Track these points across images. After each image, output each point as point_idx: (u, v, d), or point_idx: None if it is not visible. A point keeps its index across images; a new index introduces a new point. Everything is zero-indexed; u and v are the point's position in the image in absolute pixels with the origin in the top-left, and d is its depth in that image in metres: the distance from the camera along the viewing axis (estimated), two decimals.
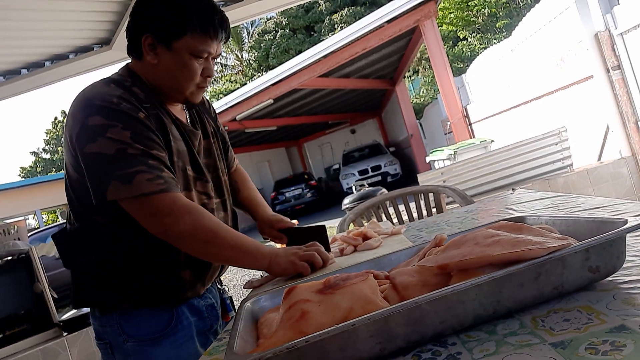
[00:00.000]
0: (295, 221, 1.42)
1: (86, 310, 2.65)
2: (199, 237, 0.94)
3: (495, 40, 13.35)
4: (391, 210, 2.16)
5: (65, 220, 1.12)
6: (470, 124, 7.54)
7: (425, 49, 8.51)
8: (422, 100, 18.40)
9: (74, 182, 0.98)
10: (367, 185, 5.73)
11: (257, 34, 23.52)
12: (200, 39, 0.97)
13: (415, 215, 2.08)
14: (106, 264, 0.99)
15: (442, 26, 14.55)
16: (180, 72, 1.00)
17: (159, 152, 0.94)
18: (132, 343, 1.00)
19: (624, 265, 0.56)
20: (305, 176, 14.52)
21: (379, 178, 12.39)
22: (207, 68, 1.03)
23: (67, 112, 0.98)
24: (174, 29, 0.97)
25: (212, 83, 25.07)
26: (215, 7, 1.01)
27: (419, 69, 18.82)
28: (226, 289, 1.25)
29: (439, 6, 13.20)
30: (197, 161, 1.07)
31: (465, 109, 7.58)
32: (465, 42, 15.66)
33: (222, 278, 1.27)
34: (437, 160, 5.93)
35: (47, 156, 30.75)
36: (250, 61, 23.99)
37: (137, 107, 0.95)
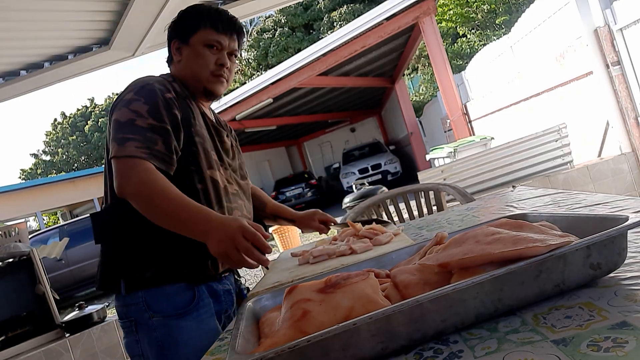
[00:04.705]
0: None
1: (88, 311, 2.66)
2: (142, 195, 0.97)
3: (494, 37, 13.33)
4: (392, 208, 2.16)
5: (66, 221, 1.16)
6: (470, 122, 7.54)
7: (425, 46, 8.51)
8: (421, 98, 18.38)
9: None
10: (367, 184, 5.74)
11: (256, 33, 23.48)
12: (210, 31, 1.19)
13: (415, 213, 2.08)
14: (135, 235, 1.07)
15: (441, 23, 14.51)
16: (195, 61, 1.19)
17: (166, 125, 1.06)
18: (157, 318, 1.06)
19: (625, 262, 0.56)
20: (306, 175, 14.52)
21: (379, 176, 12.38)
22: (220, 57, 1.20)
23: (66, 114, 1.03)
24: (190, 26, 1.20)
25: None
26: (224, 11, 1.23)
27: (418, 67, 18.78)
28: (243, 280, 1.30)
29: (438, 3, 13.20)
30: (219, 149, 1.21)
31: (465, 106, 7.57)
32: (464, 38, 15.63)
33: (239, 271, 1.33)
34: (437, 158, 5.92)
35: (47, 158, 30.72)
36: (249, 60, 23.97)
37: (168, 90, 1.11)
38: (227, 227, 0.90)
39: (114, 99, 1.13)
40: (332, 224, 1.43)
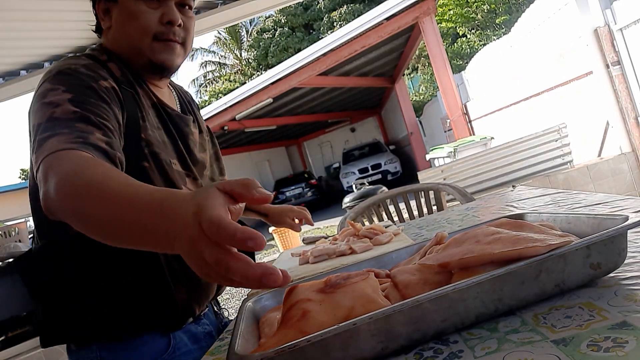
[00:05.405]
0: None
1: None
2: (65, 201, 0.55)
3: (494, 37, 13.33)
4: (392, 208, 2.16)
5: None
6: (470, 121, 7.54)
7: (425, 46, 8.50)
8: (421, 97, 18.40)
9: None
10: (367, 184, 5.74)
11: (256, 33, 23.50)
12: None
13: (415, 213, 2.08)
14: (80, 286, 0.79)
15: (441, 23, 14.52)
16: (130, 24, 0.84)
17: (101, 119, 0.72)
18: None
19: (625, 262, 0.56)
20: (306, 175, 14.53)
21: (379, 176, 12.39)
22: (166, 13, 0.84)
23: None
24: None
25: (212, 82, 24.95)
26: None
27: (418, 67, 18.80)
28: (225, 312, 1.11)
29: (438, 3, 13.20)
30: (182, 152, 0.90)
31: (465, 106, 7.58)
32: (464, 38, 15.64)
33: (219, 300, 1.13)
34: (437, 157, 5.93)
35: None
36: (249, 60, 23.97)
37: (102, 76, 0.79)
38: (180, 222, 0.42)
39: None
40: (305, 223, 1.30)
